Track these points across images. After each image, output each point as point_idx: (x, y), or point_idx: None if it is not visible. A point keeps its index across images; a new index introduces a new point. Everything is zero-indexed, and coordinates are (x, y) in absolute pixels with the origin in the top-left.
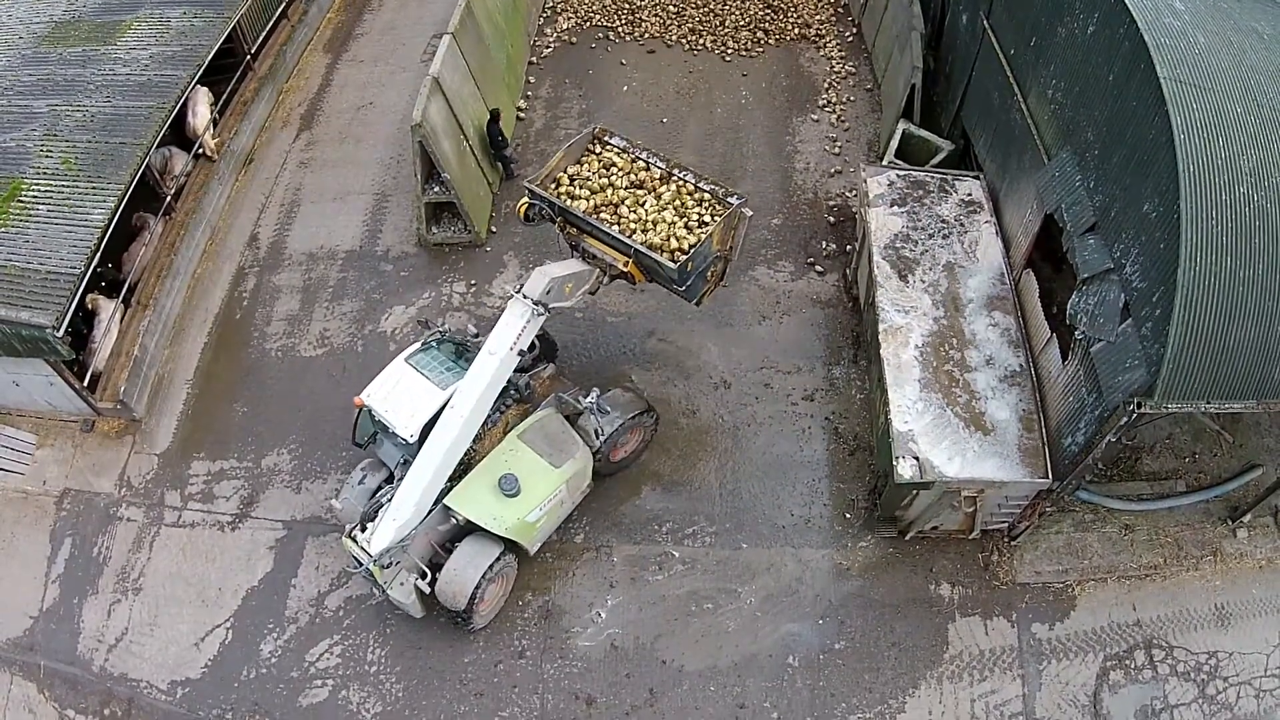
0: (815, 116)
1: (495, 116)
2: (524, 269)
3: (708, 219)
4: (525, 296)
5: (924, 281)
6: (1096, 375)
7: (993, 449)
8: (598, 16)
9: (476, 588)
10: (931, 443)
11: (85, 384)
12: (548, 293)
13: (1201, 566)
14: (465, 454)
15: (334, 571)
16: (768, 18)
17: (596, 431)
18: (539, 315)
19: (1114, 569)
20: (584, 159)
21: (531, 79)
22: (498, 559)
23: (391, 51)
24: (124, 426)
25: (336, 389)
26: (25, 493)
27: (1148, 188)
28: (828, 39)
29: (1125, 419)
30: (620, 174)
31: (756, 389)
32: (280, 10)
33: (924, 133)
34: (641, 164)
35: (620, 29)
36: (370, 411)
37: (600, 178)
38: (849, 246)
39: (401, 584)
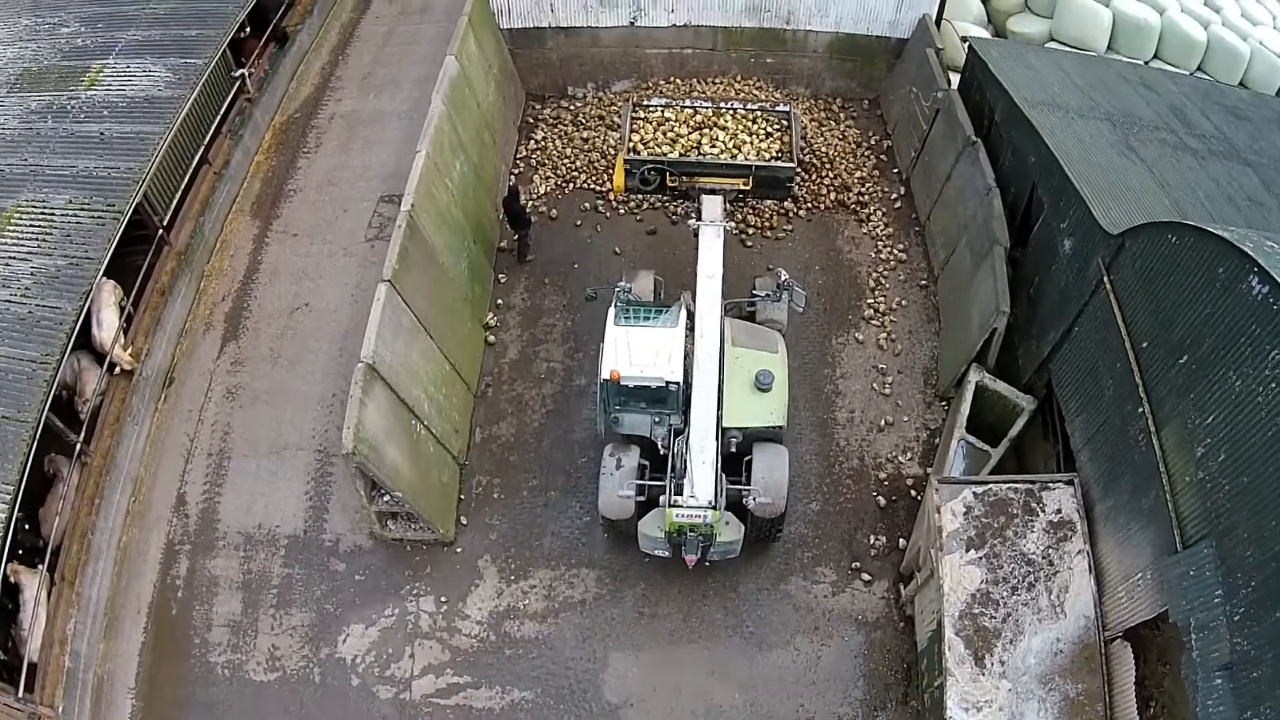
0: (859, 335)
1: (514, 194)
2: (503, 579)
3: (772, 130)
4: (713, 221)
5: (1003, 664)
6: None
7: None
8: (582, 176)
9: (789, 487)
10: None
11: (24, 684)
12: (723, 213)
13: None
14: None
15: None
16: (797, 178)
17: (796, 305)
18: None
19: None
20: (637, 127)
21: (502, 277)
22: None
23: (331, 221)
24: None
25: None
26: None
27: None
28: (871, 207)
29: None
30: (679, 124)
31: None
32: (200, 156)
33: (1002, 387)
34: (690, 110)
35: (610, 194)
36: (622, 381)
37: (668, 132)
38: (901, 541)
39: (727, 523)
